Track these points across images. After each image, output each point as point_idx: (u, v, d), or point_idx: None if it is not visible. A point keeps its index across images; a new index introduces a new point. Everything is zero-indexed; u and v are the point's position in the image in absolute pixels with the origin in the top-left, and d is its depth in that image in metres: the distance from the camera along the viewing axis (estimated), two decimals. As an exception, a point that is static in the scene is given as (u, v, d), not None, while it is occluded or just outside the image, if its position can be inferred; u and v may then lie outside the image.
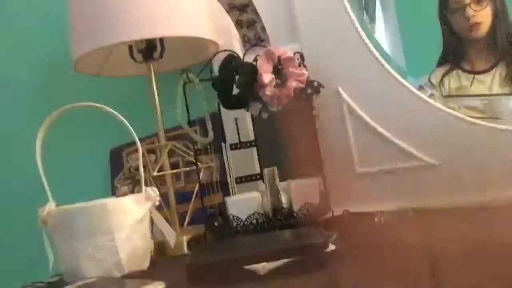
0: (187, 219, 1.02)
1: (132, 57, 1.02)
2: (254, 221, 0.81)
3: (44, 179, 0.78)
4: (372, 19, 1.15)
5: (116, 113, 0.81)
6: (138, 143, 0.82)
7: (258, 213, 0.82)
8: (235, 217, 0.82)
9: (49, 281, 0.80)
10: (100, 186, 1.31)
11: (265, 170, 0.83)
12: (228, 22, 1.07)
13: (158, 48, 1.01)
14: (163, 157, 0.97)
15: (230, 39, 1.06)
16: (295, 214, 0.81)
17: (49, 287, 0.78)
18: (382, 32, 1.16)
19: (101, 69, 1.08)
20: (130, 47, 1.02)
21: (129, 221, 0.74)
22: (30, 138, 1.31)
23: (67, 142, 1.30)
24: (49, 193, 0.78)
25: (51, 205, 0.77)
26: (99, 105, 0.81)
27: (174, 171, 0.99)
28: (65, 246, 0.73)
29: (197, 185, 0.97)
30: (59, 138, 1.29)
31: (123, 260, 0.71)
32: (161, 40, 1.01)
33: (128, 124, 0.82)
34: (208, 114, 0.93)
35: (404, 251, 0.61)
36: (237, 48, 1.08)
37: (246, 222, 0.81)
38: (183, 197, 1.11)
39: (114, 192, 1.26)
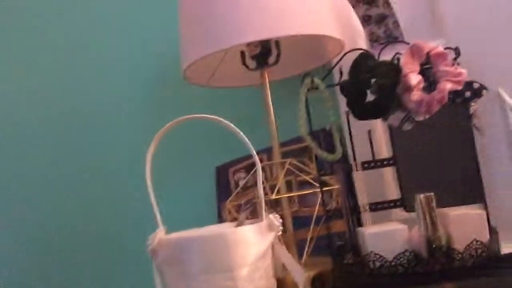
0: (306, 250, 0.86)
1: (245, 64, 0.90)
2: (405, 262, 0.63)
3: (153, 200, 0.68)
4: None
5: (232, 125, 0.69)
6: (257, 161, 0.69)
7: (409, 252, 0.64)
8: (377, 256, 0.65)
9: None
10: (205, 206, 1.22)
11: (418, 197, 0.65)
12: (352, 17, 0.91)
13: (274, 52, 0.88)
14: (280, 176, 0.84)
15: (355, 38, 0.90)
16: (459, 254, 0.62)
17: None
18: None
19: (211, 79, 0.98)
20: (242, 54, 0.90)
21: (251, 256, 0.61)
22: (135, 154, 1.27)
23: (170, 160, 1.22)
24: (159, 217, 0.68)
25: (161, 233, 0.66)
26: (213, 117, 0.70)
27: (297, 193, 0.84)
28: (176, 284, 0.61)
29: (315, 210, 0.82)
30: (161, 155, 1.23)
31: (244, 305, 0.58)
32: (277, 43, 0.88)
33: (246, 138, 0.70)
34: (336, 125, 0.78)
35: None
36: (363, 47, 0.92)
37: (393, 263, 0.64)
38: (297, 223, 0.96)
39: (220, 214, 1.15)
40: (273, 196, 0.78)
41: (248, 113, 1.09)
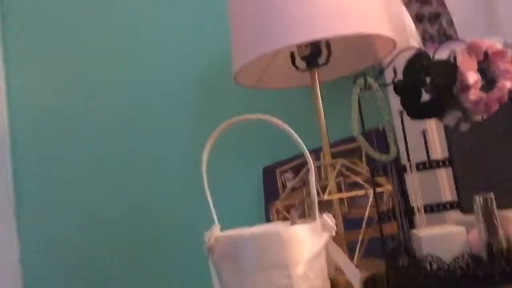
0: (357, 252, 0.85)
1: (294, 65, 0.91)
2: (464, 265, 0.62)
3: (209, 197, 0.70)
4: None
5: (285, 125, 0.70)
6: (310, 160, 0.70)
7: (469, 255, 0.62)
8: (434, 258, 0.64)
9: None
10: (251, 206, 1.23)
11: (478, 198, 0.63)
12: (404, 16, 0.90)
13: (324, 53, 0.88)
14: (330, 177, 0.83)
15: (407, 36, 0.89)
16: (522, 258, 0.60)
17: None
18: None
19: (260, 80, 0.99)
20: (292, 55, 0.91)
21: (306, 255, 0.61)
22: (186, 156, 1.30)
23: (217, 160, 1.25)
24: (215, 214, 0.69)
25: (216, 230, 0.68)
26: (266, 117, 0.71)
27: (349, 194, 0.83)
28: (233, 280, 0.62)
29: (367, 211, 0.81)
30: (210, 156, 1.26)
31: (300, 303, 0.58)
32: (327, 43, 0.88)
33: (298, 138, 0.71)
34: (390, 125, 0.77)
35: None
36: (415, 46, 0.90)
37: (451, 266, 0.62)
38: (346, 225, 0.95)
39: (267, 214, 1.16)
40: (325, 197, 0.78)
41: (293, 114, 1.10)
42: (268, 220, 1.14)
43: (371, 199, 0.79)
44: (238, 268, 0.62)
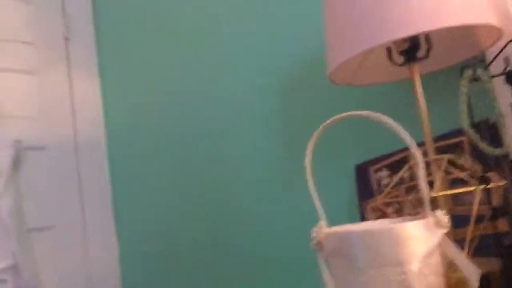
0: (465, 249, 0.82)
1: (391, 60, 0.89)
2: None
3: (314, 193, 0.71)
4: None
5: (391, 121, 0.69)
6: (418, 154, 0.68)
7: None
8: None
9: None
10: (344, 205, 1.23)
11: None
12: (509, 3, 0.85)
13: (424, 46, 0.86)
14: (437, 173, 0.81)
15: (509, 24, 0.84)
16: None
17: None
18: None
19: (354, 78, 0.99)
20: (389, 49, 0.90)
21: (420, 252, 0.60)
22: (275, 157, 1.32)
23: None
24: (321, 210, 0.71)
25: (324, 226, 0.69)
26: (373, 114, 0.70)
27: (459, 190, 0.81)
28: (345, 276, 0.63)
29: (475, 208, 0.78)
30: (300, 154, 1.28)
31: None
32: (427, 36, 0.85)
33: (406, 132, 0.70)
34: (501, 117, 0.73)
35: None
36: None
37: None
38: (454, 222, 0.92)
39: (363, 214, 1.15)
40: (433, 193, 0.76)
41: (389, 109, 1.08)
42: (363, 218, 1.13)
43: (478, 195, 0.76)
44: (350, 264, 0.63)
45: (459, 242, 0.84)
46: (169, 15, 1.57)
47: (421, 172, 0.67)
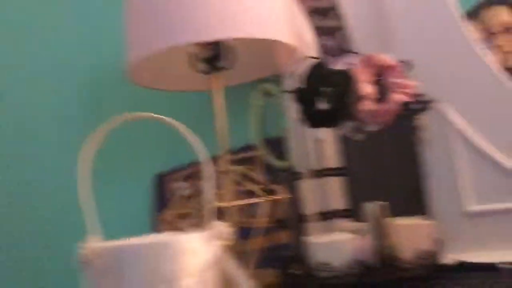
0: (251, 260, 0.83)
1: (193, 66, 0.86)
2: (355, 271, 0.62)
3: (86, 202, 0.62)
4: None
5: (182, 126, 0.65)
6: (208, 164, 0.65)
7: (357, 261, 0.63)
8: (324, 266, 0.63)
9: None
10: (143, 217, 1.15)
11: (368, 206, 0.64)
12: (305, 28, 0.91)
13: (226, 57, 0.85)
14: (227, 184, 0.80)
15: (308, 47, 0.90)
16: (408, 264, 0.62)
17: None
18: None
19: (156, 81, 0.93)
20: (192, 56, 0.87)
21: (196, 266, 0.56)
22: (67, 158, 1.17)
23: (104, 163, 1.15)
24: (92, 223, 0.61)
25: (94, 240, 0.60)
26: (159, 116, 0.65)
27: (243, 202, 0.81)
28: (112, 297, 0.55)
29: (261, 220, 0.79)
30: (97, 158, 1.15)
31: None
32: (230, 47, 0.85)
33: (196, 139, 0.66)
34: (287, 133, 0.76)
35: None
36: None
37: (341, 273, 0.62)
38: (242, 234, 0.93)
39: (156, 224, 1.08)
40: (219, 204, 0.74)
41: (193, 118, 1.06)
42: (156, 230, 1.07)
43: (265, 207, 0.77)
44: (121, 283, 0.55)
45: (248, 254, 0.85)
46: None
47: (207, 183, 0.64)
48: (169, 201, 1.07)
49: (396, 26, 0.83)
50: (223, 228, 0.61)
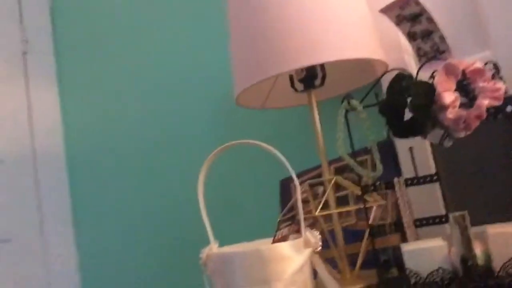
0: (358, 264, 0.89)
1: (293, 87, 0.96)
2: (438, 279, 0.64)
3: (206, 218, 0.77)
4: None
5: (271, 148, 0.76)
6: (296, 180, 0.75)
7: (443, 269, 0.65)
8: (412, 272, 0.67)
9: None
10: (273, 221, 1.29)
11: (451, 216, 0.66)
12: (397, 36, 0.92)
13: (319, 75, 0.93)
14: (327, 192, 0.88)
15: (401, 55, 0.92)
16: (496, 273, 0.62)
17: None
18: None
19: (265, 102, 1.06)
20: (291, 77, 0.97)
21: (287, 271, 0.67)
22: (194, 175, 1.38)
23: (237, 171, 1.33)
24: (210, 233, 0.76)
25: (212, 247, 0.75)
26: (255, 142, 0.77)
27: (339, 210, 0.88)
28: (223, 294, 0.69)
29: (368, 224, 0.85)
30: (229, 167, 1.33)
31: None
32: (322, 66, 0.93)
33: (285, 159, 0.76)
34: (375, 144, 0.80)
35: None
36: (410, 64, 0.93)
37: (427, 280, 0.65)
38: (354, 236, 0.99)
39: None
40: (317, 213, 0.83)
41: (306, 131, 1.14)
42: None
43: (363, 213, 0.83)
44: (228, 283, 0.69)
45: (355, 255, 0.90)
46: (127, 27, 1.60)
47: (298, 198, 0.74)
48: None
49: (491, 24, 0.79)
50: (310, 237, 0.70)
